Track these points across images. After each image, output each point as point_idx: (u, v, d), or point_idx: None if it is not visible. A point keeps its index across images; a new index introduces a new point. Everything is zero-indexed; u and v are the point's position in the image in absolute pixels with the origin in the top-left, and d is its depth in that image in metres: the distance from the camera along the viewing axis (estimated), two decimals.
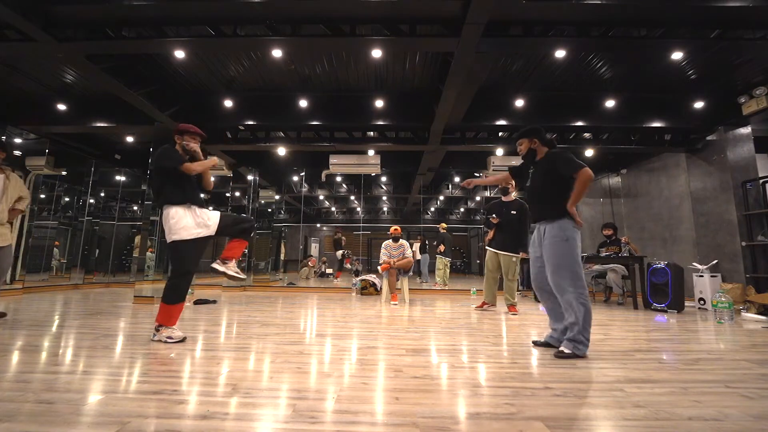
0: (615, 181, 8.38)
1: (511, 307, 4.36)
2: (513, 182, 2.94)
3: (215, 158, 2.93)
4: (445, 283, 7.93)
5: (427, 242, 9.54)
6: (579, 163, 2.35)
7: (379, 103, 5.70)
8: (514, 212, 4.48)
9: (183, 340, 2.57)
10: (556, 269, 2.37)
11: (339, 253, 10.67)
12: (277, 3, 3.50)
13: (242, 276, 2.81)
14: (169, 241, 2.60)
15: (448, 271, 8.10)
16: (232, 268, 2.75)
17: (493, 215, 4.59)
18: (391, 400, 1.55)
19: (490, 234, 4.63)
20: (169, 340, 2.52)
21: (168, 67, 5.06)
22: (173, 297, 2.59)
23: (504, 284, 4.45)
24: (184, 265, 2.60)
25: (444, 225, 8.23)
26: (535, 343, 2.62)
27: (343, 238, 11.00)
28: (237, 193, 8.45)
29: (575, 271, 2.33)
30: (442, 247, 7.98)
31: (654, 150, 6.55)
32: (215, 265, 2.75)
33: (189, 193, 2.68)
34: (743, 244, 5.30)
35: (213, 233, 2.72)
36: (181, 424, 1.28)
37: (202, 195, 2.85)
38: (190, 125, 2.86)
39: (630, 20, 3.73)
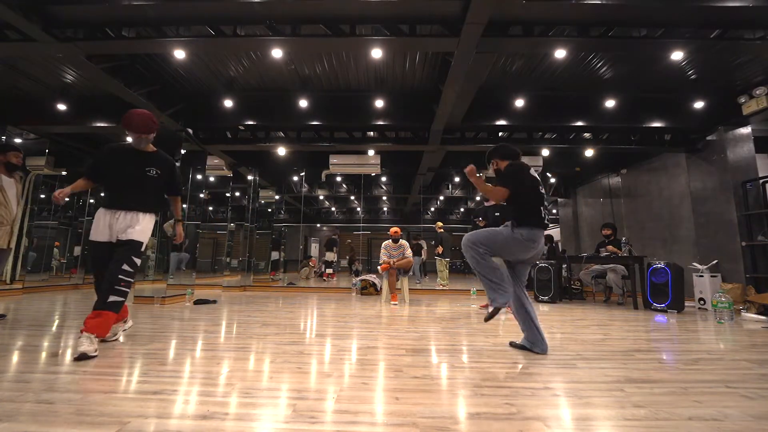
0: (615, 181, 8.37)
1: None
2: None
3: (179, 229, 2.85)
4: (446, 283, 7.92)
5: (421, 244, 9.43)
6: (504, 183, 2.54)
7: (379, 103, 5.70)
8: (498, 213, 4.63)
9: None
10: (481, 233, 2.57)
11: (330, 254, 9.92)
12: (277, 3, 3.50)
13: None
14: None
15: (447, 271, 8.09)
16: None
17: (480, 218, 4.70)
18: (391, 400, 1.55)
19: None
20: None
21: (168, 67, 5.06)
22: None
23: None
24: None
25: (440, 224, 8.19)
26: (512, 345, 2.65)
27: (337, 238, 10.16)
28: (237, 193, 8.46)
29: (488, 245, 2.49)
30: (440, 249, 7.94)
31: (654, 150, 6.55)
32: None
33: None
34: (743, 244, 5.29)
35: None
36: (181, 424, 1.28)
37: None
38: None
39: (630, 20, 3.73)
